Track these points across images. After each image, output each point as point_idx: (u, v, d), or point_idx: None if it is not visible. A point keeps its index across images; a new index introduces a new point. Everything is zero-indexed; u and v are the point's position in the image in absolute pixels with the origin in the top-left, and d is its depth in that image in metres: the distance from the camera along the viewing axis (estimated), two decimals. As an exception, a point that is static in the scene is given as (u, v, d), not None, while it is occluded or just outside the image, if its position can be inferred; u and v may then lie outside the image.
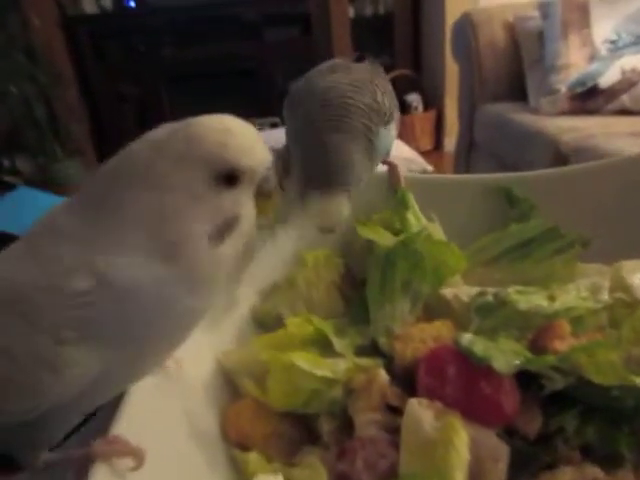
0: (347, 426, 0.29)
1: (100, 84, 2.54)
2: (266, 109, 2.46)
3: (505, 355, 0.25)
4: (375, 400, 0.28)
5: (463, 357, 0.26)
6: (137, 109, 2.64)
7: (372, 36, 2.40)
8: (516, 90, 1.51)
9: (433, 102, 2.35)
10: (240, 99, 2.58)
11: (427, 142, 2.34)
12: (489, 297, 0.31)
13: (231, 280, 0.24)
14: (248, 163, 0.22)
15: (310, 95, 0.37)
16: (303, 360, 0.29)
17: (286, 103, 0.41)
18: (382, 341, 0.32)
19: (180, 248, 0.21)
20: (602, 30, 1.35)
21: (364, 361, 0.30)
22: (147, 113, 2.62)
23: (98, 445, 0.23)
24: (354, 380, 0.29)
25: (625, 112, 1.28)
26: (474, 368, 0.25)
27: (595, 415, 0.28)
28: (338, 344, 0.31)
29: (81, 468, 0.23)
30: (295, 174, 0.36)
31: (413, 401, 0.25)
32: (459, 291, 0.33)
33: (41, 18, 2.30)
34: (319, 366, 0.29)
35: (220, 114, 0.23)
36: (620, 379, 0.26)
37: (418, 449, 0.23)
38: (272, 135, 1.11)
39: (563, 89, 1.32)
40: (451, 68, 1.96)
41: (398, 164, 0.43)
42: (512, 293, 0.30)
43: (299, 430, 0.30)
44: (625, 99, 1.28)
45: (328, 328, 0.31)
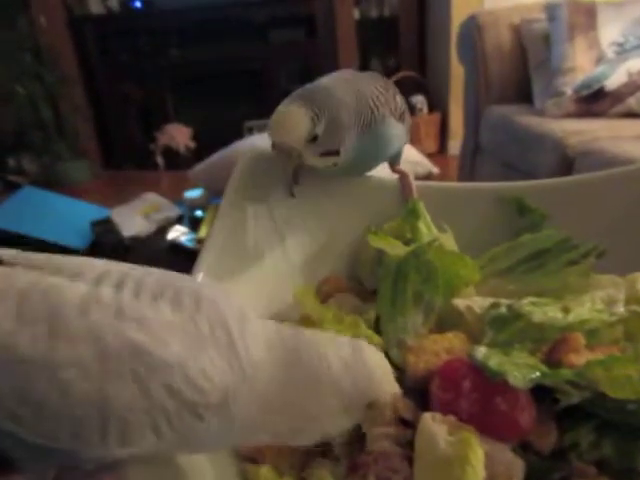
0: (359, 439, 0.28)
1: (105, 84, 2.55)
2: (271, 110, 2.44)
3: (520, 369, 0.25)
4: (387, 413, 0.27)
5: (477, 371, 0.25)
6: (142, 110, 2.65)
7: (377, 38, 2.40)
8: (522, 93, 1.50)
9: (438, 105, 2.34)
10: (245, 100, 2.59)
11: (431, 145, 2.34)
12: (503, 309, 0.30)
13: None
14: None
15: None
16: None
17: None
18: (394, 353, 0.31)
19: None
20: (609, 33, 1.34)
21: (376, 373, 0.30)
22: (152, 114, 2.63)
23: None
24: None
25: (631, 115, 1.28)
26: (489, 382, 0.25)
27: (610, 430, 0.28)
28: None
29: None
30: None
31: (427, 415, 0.25)
32: (472, 302, 0.32)
33: (48, 18, 2.31)
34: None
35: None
36: (636, 393, 0.25)
37: (433, 465, 0.23)
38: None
39: (569, 92, 1.32)
40: (456, 71, 1.96)
41: (409, 173, 0.43)
42: (526, 305, 0.30)
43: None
44: (631, 102, 1.27)
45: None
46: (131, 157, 2.65)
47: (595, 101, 1.30)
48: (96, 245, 1.33)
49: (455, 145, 2.01)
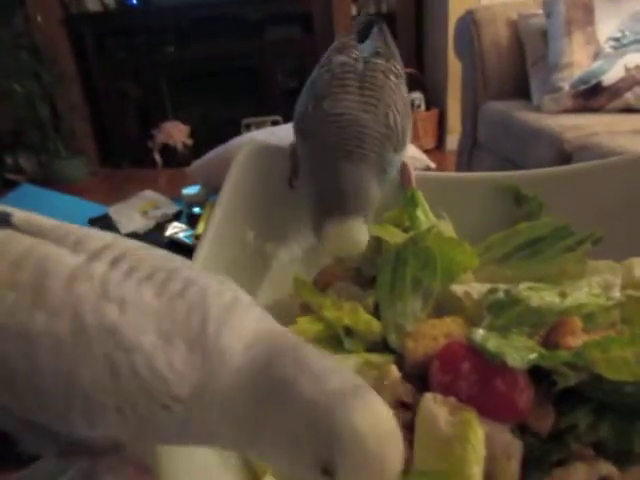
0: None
1: (102, 82, 2.54)
2: (268, 107, 2.46)
3: (518, 351, 0.25)
4: (387, 396, 0.28)
5: (476, 353, 0.26)
6: (139, 107, 2.64)
7: (374, 34, 2.40)
8: (519, 88, 1.50)
9: (436, 101, 2.34)
10: (242, 97, 2.58)
11: (429, 141, 2.34)
12: (501, 294, 0.30)
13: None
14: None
15: (322, 124, 0.38)
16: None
17: (296, 129, 0.41)
18: (392, 338, 0.32)
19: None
20: (606, 28, 1.34)
21: (375, 357, 0.30)
22: (149, 111, 2.62)
23: (122, 467, 0.23)
24: (365, 376, 0.29)
25: (629, 110, 1.28)
26: (488, 364, 0.25)
27: (608, 412, 0.28)
28: (348, 342, 0.31)
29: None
30: (310, 205, 0.37)
31: (428, 396, 0.25)
32: (470, 288, 0.33)
33: (44, 16, 2.30)
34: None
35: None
36: (633, 375, 0.26)
37: (433, 445, 0.23)
38: (275, 132, 1.11)
39: (566, 87, 1.32)
40: (454, 67, 1.96)
41: (409, 163, 0.43)
42: (524, 290, 0.30)
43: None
44: (629, 97, 1.28)
45: (339, 325, 0.31)
46: (128, 155, 2.65)
47: (592, 96, 1.30)
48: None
49: (453, 141, 2.02)
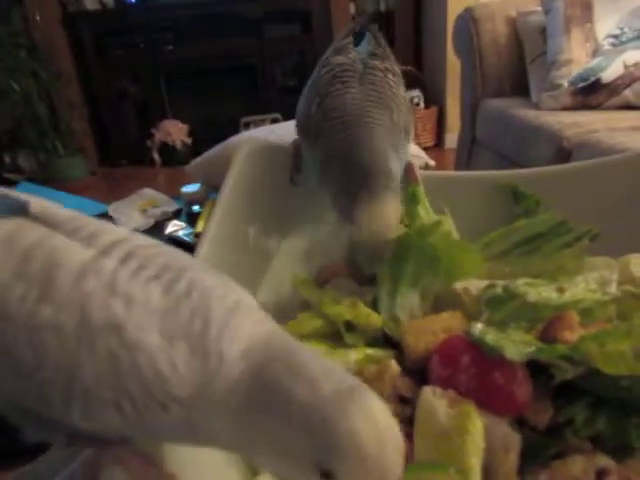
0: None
1: (101, 81, 2.53)
2: (267, 106, 2.45)
3: (516, 345, 0.26)
4: (386, 390, 0.28)
5: (475, 347, 0.26)
6: (137, 105, 2.64)
7: (373, 32, 2.40)
8: (518, 85, 1.50)
9: (435, 99, 2.34)
10: (241, 96, 2.58)
11: (428, 138, 2.34)
12: (499, 289, 0.31)
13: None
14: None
15: (328, 120, 0.38)
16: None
17: (300, 130, 0.42)
18: (391, 329, 0.32)
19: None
20: (605, 25, 1.34)
21: (375, 352, 0.30)
22: (147, 109, 2.62)
23: (127, 457, 0.23)
24: (365, 370, 0.29)
25: (628, 107, 1.28)
26: (487, 358, 0.26)
27: (604, 406, 0.28)
28: (348, 337, 0.31)
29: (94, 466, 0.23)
30: (333, 197, 0.37)
31: (427, 389, 0.25)
32: (469, 284, 0.33)
33: (43, 14, 2.29)
34: (330, 357, 0.29)
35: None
36: (630, 369, 0.26)
37: (433, 437, 0.24)
38: (274, 131, 1.11)
39: (565, 84, 1.32)
40: (453, 64, 1.96)
41: (414, 161, 0.44)
42: (521, 285, 0.31)
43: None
44: (628, 94, 1.28)
45: (339, 319, 0.32)
46: (127, 153, 2.64)
47: (591, 93, 1.31)
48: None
49: (452, 139, 2.02)
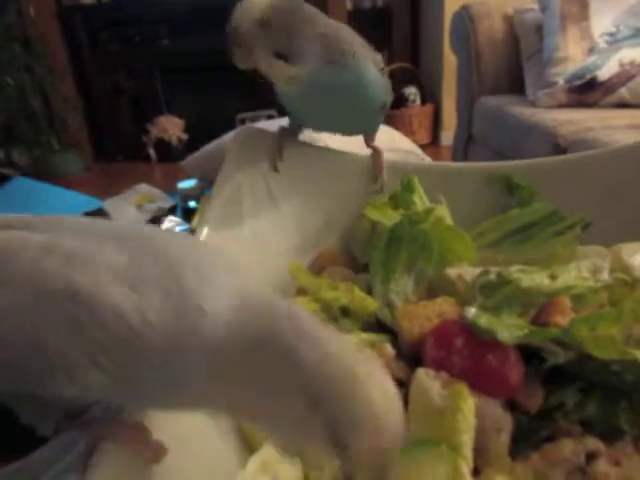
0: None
1: (95, 75, 2.52)
2: (262, 101, 2.45)
3: (509, 328, 0.26)
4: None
5: (469, 330, 0.26)
6: (132, 100, 2.62)
7: (370, 29, 2.37)
8: (514, 83, 1.51)
9: (431, 96, 2.35)
10: (237, 92, 2.57)
11: (424, 136, 2.35)
12: (492, 276, 0.31)
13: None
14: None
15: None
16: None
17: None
18: (385, 314, 0.32)
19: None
20: (601, 23, 1.35)
21: (370, 336, 0.31)
22: (142, 104, 2.60)
23: (118, 429, 0.23)
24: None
25: (623, 105, 1.29)
26: (480, 340, 0.26)
27: (595, 390, 0.29)
28: (344, 322, 0.32)
29: (93, 444, 0.24)
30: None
31: (421, 371, 0.26)
32: (463, 271, 0.33)
33: (37, 8, 2.27)
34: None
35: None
36: (620, 353, 0.26)
37: (426, 416, 0.24)
38: (271, 128, 1.11)
39: (561, 82, 1.32)
40: (449, 62, 1.96)
41: (383, 151, 0.43)
42: (514, 272, 0.31)
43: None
44: (623, 92, 1.29)
45: (336, 304, 0.32)
46: (123, 149, 2.63)
47: (587, 91, 1.31)
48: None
49: (448, 136, 2.02)
